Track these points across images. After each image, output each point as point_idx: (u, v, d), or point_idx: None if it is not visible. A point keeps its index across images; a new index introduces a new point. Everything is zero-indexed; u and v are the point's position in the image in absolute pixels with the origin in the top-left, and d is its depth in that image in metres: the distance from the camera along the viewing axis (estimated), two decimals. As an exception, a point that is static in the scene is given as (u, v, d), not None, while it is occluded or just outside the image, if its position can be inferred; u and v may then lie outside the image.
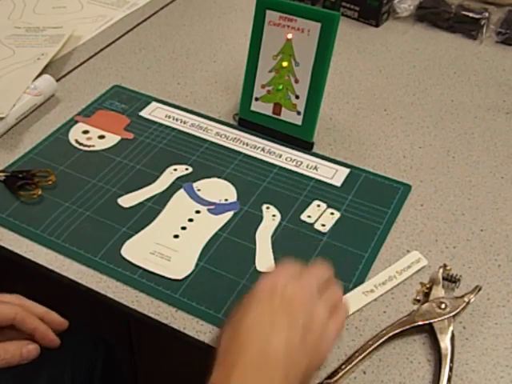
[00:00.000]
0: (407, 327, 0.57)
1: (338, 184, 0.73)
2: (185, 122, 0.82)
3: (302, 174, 0.75)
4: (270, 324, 0.48)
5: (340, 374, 0.54)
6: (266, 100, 0.78)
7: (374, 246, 0.66)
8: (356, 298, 0.61)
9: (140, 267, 0.63)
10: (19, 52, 0.91)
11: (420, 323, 0.58)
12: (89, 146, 0.78)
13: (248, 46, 0.77)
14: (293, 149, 0.78)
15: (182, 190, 0.72)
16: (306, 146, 0.78)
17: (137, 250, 0.65)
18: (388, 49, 0.99)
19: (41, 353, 0.75)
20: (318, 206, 0.71)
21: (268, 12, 0.74)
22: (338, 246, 0.66)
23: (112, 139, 0.79)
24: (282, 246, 0.66)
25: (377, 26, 1.04)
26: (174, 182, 0.73)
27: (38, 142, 0.78)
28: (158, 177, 0.73)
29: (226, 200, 0.71)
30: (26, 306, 0.56)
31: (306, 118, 0.76)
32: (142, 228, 0.67)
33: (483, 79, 0.93)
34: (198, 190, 0.72)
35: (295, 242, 0.66)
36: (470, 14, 1.02)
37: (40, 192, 0.70)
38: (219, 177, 0.74)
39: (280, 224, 0.68)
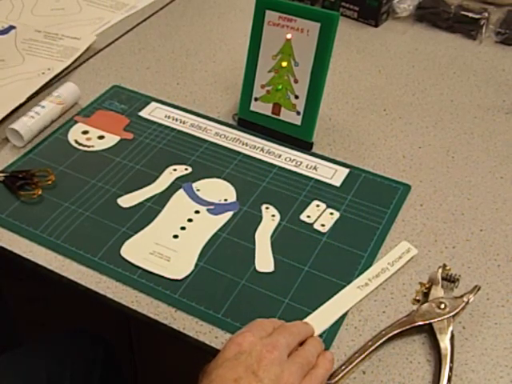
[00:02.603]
0: (407, 327, 0.57)
1: (338, 184, 0.73)
2: (184, 122, 0.82)
3: (301, 174, 0.75)
4: None
5: (340, 375, 0.54)
6: (265, 100, 0.78)
7: (373, 245, 0.66)
8: (351, 294, 0.61)
9: (139, 267, 0.63)
10: (28, 61, 0.90)
11: (419, 323, 0.58)
12: (88, 147, 0.78)
13: (247, 46, 0.77)
14: (292, 149, 0.78)
15: (181, 190, 0.72)
16: (305, 146, 0.78)
17: (136, 250, 0.65)
18: (387, 49, 0.99)
19: (41, 353, 0.75)
20: (318, 206, 0.71)
21: (267, 12, 0.74)
22: (338, 246, 0.66)
23: (111, 139, 0.79)
24: (282, 246, 0.66)
25: (376, 26, 1.04)
26: (173, 182, 0.73)
27: (37, 142, 0.78)
28: (157, 177, 0.73)
29: (226, 200, 0.71)
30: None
31: (306, 118, 0.76)
32: (142, 228, 0.67)
33: (483, 79, 0.93)
34: (198, 190, 0.72)
35: (294, 242, 0.66)
36: (470, 14, 1.02)
37: (40, 192, 0.70)
38: (219, 177, 0.74)
39: (279, 224, 0.68)
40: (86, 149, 0.77)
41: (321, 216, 0.69)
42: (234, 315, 0.59)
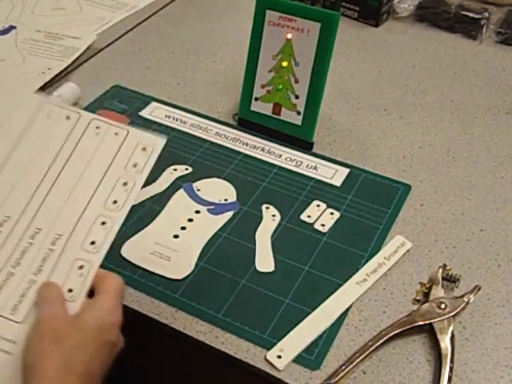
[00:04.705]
0: (407, 327, 0.57)
1: (338, 184, 0.73)
2: (185, 122, 0.82)
3: (301, 174, 0.74)
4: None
5: (341, 375, 0.54)
6: (265, 100, 0.78)
7: (373, 245, 0.66)
8: (350, 290, 0.61)
9: (140, 267, 0.63)
10: (28, 61, 0.90)
11: (420, 323, 0.58)
12: (88, 146, 0.78)
13: (248, 46, 0.77)
14: (292, 149, 0.78)
15: (181, 190, 0.72)
16: (305, 146, 0.78)
17: (137, 249, 0.65)
18: (388, 49, 0.99)
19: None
20: (318, 205, 0.70)
21: (268, 12, 0.74)
22: (338, 246, 0.66)
23: (112, 139, 0.79)
24: (282, 245, 0.66)
25: (377, 25, 1.04)
26: (173, 182, 0.73)
27: (37, 142, 0.78)
28: (157, 177, 0.73)
29: (226, 200, 0.71)
30: None
31: (306, 118, 0.76)
32: (142, 228, 0.67)
33: (483, 79, 0.93)
34: (198, 190, 0.72)
35: (295, 242, 0.66)
36: (470, 14, 1.02)
37: (40, 192, 0.70)
38: (219, 177, 0.74)
39: (280, 224, 0.68)
40: (86, 149, 0.77)
41: (321, 216, 0.69)
42: (234, 315, 0.59)
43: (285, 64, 0.75)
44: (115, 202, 0.55)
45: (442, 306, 0.59)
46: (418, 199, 0.72)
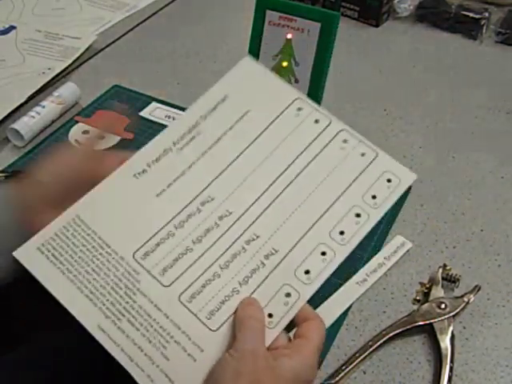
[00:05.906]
0: (407, 327, 0.57)
1: (338, 184, 0.73)
2: (185, 122, 0.82)
3: (302, 174, 0.74)
4: None
5: (341, 375, 0.54)
6: (265, 100, 0.78)
7: (373, 246, 0.66)
8: (350, 290, 0.61)
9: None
10: (28, 61, 0.91)
11: (420, 323, 0.58)
12: (89, 146, 0.78)
13: (248, 46, 0.77)
14: (293, 149, 0.78)
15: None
16: (305, 146, 0.78)
17: None
18: (388, 49, 0.99)
19: (41, 353, 0.75)
20: (318, 206, 0.70)
21: (268, 12, 0.74)
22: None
23: (112, 139, 0.79)
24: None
25: (377, 25, 1.04)
26: (173, 182, 0.73)
27: (38, 142, 0.78)
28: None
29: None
30: None
31: (306, 118, 0.76)
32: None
33: (483, 79, 0.93)
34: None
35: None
36: (470, 14, 1.02)
37: (40, 192, 0.70)
38: (219, 177, 0.74)
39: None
40: (86, 149, 0.77)
41: (321, 216, 0.69)
42: (235, 315, 0.59)
43: (285, 64, 0.75)
44: (342, 233, 0.48)
45: (442, 305, 0.59)
46: (419, 199, 0.72)
